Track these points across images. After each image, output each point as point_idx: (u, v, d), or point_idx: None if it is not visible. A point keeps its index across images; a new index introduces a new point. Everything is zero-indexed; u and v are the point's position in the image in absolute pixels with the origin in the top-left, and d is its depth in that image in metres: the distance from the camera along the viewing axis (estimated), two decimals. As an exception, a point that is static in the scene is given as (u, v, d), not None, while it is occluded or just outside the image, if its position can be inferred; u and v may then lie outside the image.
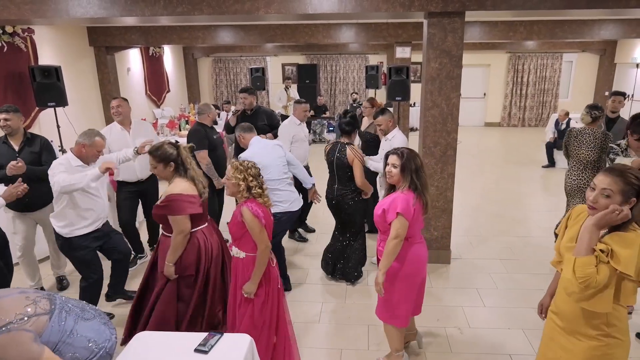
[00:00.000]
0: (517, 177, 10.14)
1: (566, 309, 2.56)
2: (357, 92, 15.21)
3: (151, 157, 3.77)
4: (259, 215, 3.38)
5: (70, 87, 8.83)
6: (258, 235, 3.40)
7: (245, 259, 3.50)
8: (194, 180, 3.82)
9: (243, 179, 3.42)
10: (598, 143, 5.36)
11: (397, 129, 5.54)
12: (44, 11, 5.29)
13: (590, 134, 5.45)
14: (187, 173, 3.81)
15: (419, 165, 3.47)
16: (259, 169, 3.56)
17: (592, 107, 5.54)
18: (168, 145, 3.81)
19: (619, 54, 15.22)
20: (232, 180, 3.44)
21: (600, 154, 5.40)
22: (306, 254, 6.25)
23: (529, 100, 17.08)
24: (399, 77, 9.27)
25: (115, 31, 10.63)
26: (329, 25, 10.97)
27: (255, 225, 3.37)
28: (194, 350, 2.80)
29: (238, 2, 5.14)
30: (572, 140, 5.58)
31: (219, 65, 17.78)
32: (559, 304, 2.63)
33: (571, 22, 10.69)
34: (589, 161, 5.41)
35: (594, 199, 2.36)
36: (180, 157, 3.80)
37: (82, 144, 4.23)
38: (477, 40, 11.44)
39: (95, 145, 4.27)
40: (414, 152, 3.52)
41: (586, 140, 5.45)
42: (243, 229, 3.42)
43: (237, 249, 3.54)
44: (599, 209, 2.34)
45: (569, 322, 2.56)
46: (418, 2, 4.97)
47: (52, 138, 7.65)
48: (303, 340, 4.35)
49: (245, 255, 3.49)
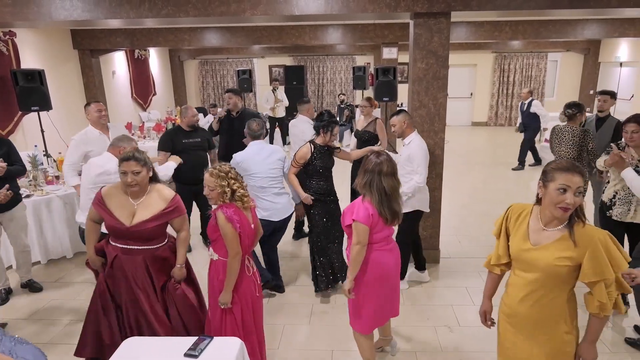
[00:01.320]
0: (504, 176, 10.19)
1: (523, 311, 2.58)
2: (344, 93, 15.22)
3: (135, 161, 3.41)
4: (232, 220, 3.26)
5: (54, 91, 8.75)
6: (229, 242, 3.29)
7: (218, 262, 3.43)
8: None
9: (227, 185, 3.33)
10: (577, 141, 5.45)
11: (416, 132, 4.95)
12: (26, 14, 5.22)
13: (569, 132, 5.55)
14: (157, 178, 3.67)
15: (379, 176, 3.37)
16: (234, 169, 3.49)
17: (567, 106, 5.72)
18: (137, 151, 3.60)
19: (602, 53, 15.37)
20: (217, 190, 3.31)
21: (580, 151, 5.49)
22: (295, 255, 6.23)
23: (515, 99, 17.17)
24: (386, 77, 9.30)
25: (99, 34, 10.54)
26: (316, 27, 10.97)
27: (229, 231, 3.26)
28: (184, 355, 2.78)
29: (224, 4, 5.12)
30: (554, 137, 5.71)
31: (206, 67, 17.71)
32: (515, 306, 2.62)
33: (555, 22, 10.78)
34: (569, 158, 5.46)
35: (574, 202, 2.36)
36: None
37: (123, 147, 4.31)
38: (463, 40, 11.50)
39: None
40: (381, 164, 3.40)
41: (566, 138, 5.57)
42: (217, 232, 3.34)
43: (212, 251, 3.47)
44: (572, 209, 2.37)
45: (531, 323, 2.58)
46: (404, 2, 4.97)
47: (37, 142, 7.61)
48: (294, 341, 4.33)
49: (217, 257, 3.42)
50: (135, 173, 3.40)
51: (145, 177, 3.48)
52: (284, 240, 6.18)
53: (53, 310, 4.99)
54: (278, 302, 4.98)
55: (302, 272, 5.73)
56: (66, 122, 9.68)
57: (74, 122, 9.97)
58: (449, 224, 7.03)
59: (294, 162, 5.00)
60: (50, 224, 5.86)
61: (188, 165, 5.65)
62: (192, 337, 2.98)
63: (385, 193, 3.36)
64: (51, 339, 4.47)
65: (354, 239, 3.34)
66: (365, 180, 3.41)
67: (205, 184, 3.36)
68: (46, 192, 5.86)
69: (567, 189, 2.34)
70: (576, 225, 2.40)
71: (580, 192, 2.35)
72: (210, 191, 3.34)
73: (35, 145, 7.20)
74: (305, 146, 4.99)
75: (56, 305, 5.10)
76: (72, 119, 10.09)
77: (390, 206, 3.38)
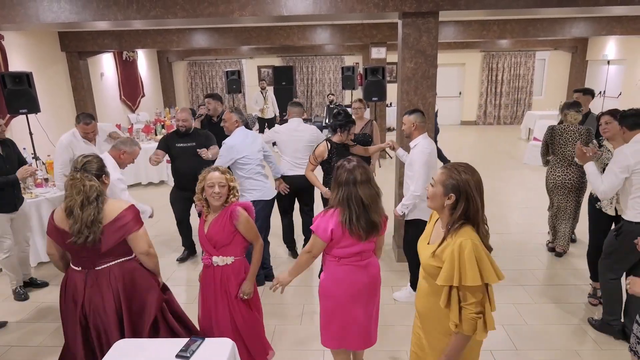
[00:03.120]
0: (494, 174, 10.23)
1: (417, 304, 2.66)
2: (333, 94, 15.22)
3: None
4: (251, 210, 3.48)
5: (42, 94, 8.70)
6: (255, 232, 3.48)
7: (235, 263, 3.45)
8: None
9: (231, 180, 3.37)
10: (583, 140, 5.46)
11: (424, 135, 4.65)
12: (13, 16, 5.20)
13: (576, 131, 5.55)
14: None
15: (354, 187, 3.02)
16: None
17: (576, 105, 5.69)
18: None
19: (590, 51, 15.47)
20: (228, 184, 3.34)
21: None
22: (284, 256, 6.24)
23: (503, 98, 17.28)
24: (375, 77, 9.31)
25: (87, 36, 10.50)
26: (304, 27, 10.97)
27: (252, 223, 3.45)
28: (175, 357, 2.77)
29: (212, 5, 5.11)
30: (557, 138, 5.65)
31: (194, 68, 17.67)
32: (417, 306, 2.68)
33: (543, 20, 10.85)
34: (574, 157, 5.48)
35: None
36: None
37: (123, 150, 4.45)
38: (452, 39, 11.55)
39: (134, 153, 4.58)
40: (353, 171, 3.04)
41: (572, 138, 5.54)
42: (233, 233, 3.37)
43: (222, 257, 3.42)
44: (432, 201, 2.49)
45: (421, 317, 2.65)
46: (392, 2, 4.99)
47: (25, 145, 7.55)
48: (285, 341, 4.33)
49: (233, 259, 3.43)
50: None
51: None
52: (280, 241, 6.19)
53: (42, 314, 4.98)
54: (269, 303, 4.97)
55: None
56: (54, 124, 9.63)
57: (62, 124, 9.92)
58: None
59: (312, 159, 5.17)
60: (40, 227, 5.81)
61: (181, 170, 5.71)
62: (183, 339, 2.97)
63: (363, 205, 3.00)
64: (41, 342, 4.46)
65: (308, 246, 3.19)
66: (341, 194, 3.04)
67: (215, 182, 3.26)
68: (35, 195, 5.82)
69: (433, 184, 2.48)
70: (454, 228, 2.39)
71: (431, 183, 2.49)
72: (222, 188, 3.28)
73: (24, 148, 7.14)
74: (322, 145, 5.13)
75: (44, 308, 5.08)
76: (61, 122, 10.04)
77: (368, 219, 3.01)
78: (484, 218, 2.43)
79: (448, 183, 2.39)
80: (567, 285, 5.26)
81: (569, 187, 5.67)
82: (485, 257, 2.33)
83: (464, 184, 2.36)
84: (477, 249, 2.31)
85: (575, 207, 5.82)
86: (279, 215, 5.90)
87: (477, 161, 11.51)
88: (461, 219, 2.39)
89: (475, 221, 2.39)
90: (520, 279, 5.42)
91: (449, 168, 2.43)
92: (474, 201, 2.37)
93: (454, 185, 2.38)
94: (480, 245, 2.35)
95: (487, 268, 2.31)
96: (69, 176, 3.01)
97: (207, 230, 3.42)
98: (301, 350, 4.24)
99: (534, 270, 5.63)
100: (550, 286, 5.26)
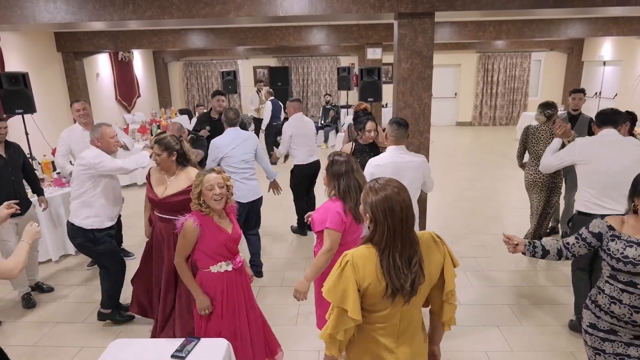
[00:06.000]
0: (490, 175, 10.25)
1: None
2: (330, 94, 15.23)
3: (156, 145, 3.94)
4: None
5: (38, 94, 8.69)
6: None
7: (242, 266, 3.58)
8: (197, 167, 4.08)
9: (227, 179, 3.34)
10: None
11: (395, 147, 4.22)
12: (9, 17, 5.18)
13: (547, 131, 5.71)
14: (190, 163, 4.10)
15: (346, 170, 3.31)
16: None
17: (545, 106, 5.82)
18: (171, 137, 4.02)
19: (586, 52, 15.53)
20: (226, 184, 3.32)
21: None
22: (279, 257, 6.24)
23: (499, 99, 17.31)
24: (370, 78, 9.32)
25: (83, 36, 10.49)
26: (300, 28, 10.98)
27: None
28: (171, 356, 2.78)
29: (208, 6, 5.11)
30: (530, 137, 5.84)
31: (190, 69, 17.65)
32: None
33: (539, 21, 10.88)
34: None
35: None
36: (183, 149, 4.04)
37: (94, 139, 4.40)
38: (447, 40, 11.57)
39: (105, 134, 4.44)
40: (348, 162, 3.34)
41: (543, 137, 5.73)
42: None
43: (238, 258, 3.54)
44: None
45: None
46: (388, 3, 4.99)
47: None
48: (280, 342, 4.33)
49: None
50: (157, 155, 3.95)
51: (165, 160, 3.96)
52: (274, 242, 6.20)
53: (42, 314, 4.97)
54: (264, 304, 4.97)
55: (288, 273, 5.74)
56: (50, 124, 9.61)
57: (58, 124, 9.89)
58: (434, 224, 7.05)
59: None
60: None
61: None
62: (179, 339, 2.98)
63: (360, 191, 3.19)
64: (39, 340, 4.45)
65: (327, 245, 3.26)
66: (343, 184, 3.31)
67: (213, 183, 3.21)
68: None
69: None
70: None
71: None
72: (222, 188, 3.25)
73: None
74: (348, 145, 5.27)
75: (43, 308, 5.07)
76: (57, 122, 10.02)
77: None
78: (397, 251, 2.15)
79: (364, 201, 2.25)
80: (562, 287, 5.27)
81: (540, 186, 5.83)
82: (351, 284, 2.14)
83: (373, 205, 2.17)
84: (348, 267, 2.17)
85: (546, 206, 5.93)
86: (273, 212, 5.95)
87: (472, 162, 11.56)
88: (367, 242, 2.23)
89: (379, 247, 2.17)
90: (515, 280, 5.43)
91: (367, 186, 2.26)
92: (380, 225, 2.15)
93: (367, 205, 2.21)
94: (359, 269, 2.16)
95: (341, 289, 2.17)
96: None
97: (232, 231, 3.36)
98: (296, 351, 4.24)
99: (529, 272, 5.65)
100: (546, 287, 5.27)
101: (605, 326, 2.72)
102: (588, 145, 4.11)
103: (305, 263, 5.98)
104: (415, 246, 2.18)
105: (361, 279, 2.14)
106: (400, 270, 2.12)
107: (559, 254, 2.88)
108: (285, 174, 6.89)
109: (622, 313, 2.61)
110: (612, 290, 2.66)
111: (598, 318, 2.75)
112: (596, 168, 4.01)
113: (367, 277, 2.14)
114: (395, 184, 2.20)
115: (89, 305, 5.05)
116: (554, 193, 5.86)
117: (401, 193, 2.16)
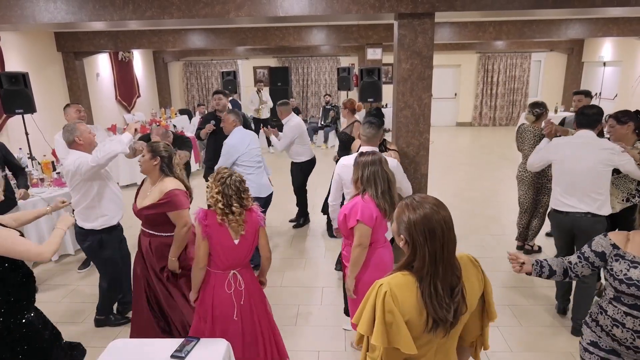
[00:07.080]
0: (490, 175, 10.26)
1: None
2: (330, 94, 15.22)
3: (146, 145, 3.89)
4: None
5: (38, 94, 8.68)
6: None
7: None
8: (181, 180, 3.92)
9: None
10: (537, 140, 5.61)
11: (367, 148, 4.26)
12: (9, 17, 5.18)
13: (531, 132, 5.79)
14: (172, 173, 3.89)
15: (381, 165, 3.41)
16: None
17: (534, 105, 5.86)
18: (165, 145, 3.94)
19: (586, 52, 15.52)
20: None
21: None
22: (279, 256, 6.24)
23: (499, 99, 17.29)
24: (370, 78, 9.30)
25: (83, 36, 10.49)
26: (300, 28, 10.98)
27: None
28: (170, 357, 2.77)
29: (208, 6, 5.11)
30: (518, 136, 5.97)
31: (190, 69, 17.64)
32: None
33: (539, 22, 10.87)
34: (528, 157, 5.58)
35: None
36: (169, 159, 3.89)
37: (75, 138, 4.21)
38: (447, 41, 11.57)
39: (84, 131, 4.27)
40: (372, 159, 3.43)
41: (527, 137, 5.81)
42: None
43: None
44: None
45: None
46: (388, 3, 4.99)
47: (21, 145, 7.56)
48: (281, 343, 4.34)
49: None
50: (142, 155, 3.85)
51: (147, 162, 3.80)
52: (273, 242, 6.20)
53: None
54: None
55: (287, 273, 5.74)
56: (50, 124, 9.59)
57: (58, 124, 9.83)
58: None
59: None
60: (35, 227, 5.80)
61: None
62: (178, 339, 2.98)
63: (388, 181, 3.38)
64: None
65: (357, 240, 3.34)
66: (368, 172, 3.38)
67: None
68: (31, 195, 5.81)
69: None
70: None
71: None
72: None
73: (19, 148, 7.15)
74: (357, 142, 5.28)
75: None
76: (57, 122, 9.98)
77: (392, 196, 3.40)
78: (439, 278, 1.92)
79: (399, 221, 2.01)
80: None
81: (527, 183, 5.91)
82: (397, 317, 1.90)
83: (410, 226, 1.93)
84: (388, 300, 1.91)
85: (532, 203, 5.99)
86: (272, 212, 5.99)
87: (472, 162, 11.55)
88: (403, 268, 2.00)
89: (420, 275, 1.94)
90: (515, 280, 5.43)
91: (402, 203, 2.03)
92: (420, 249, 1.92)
93: (403, 225, 1.98)
94: (397, 300, 1.91)
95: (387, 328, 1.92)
96: None
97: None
98: (296, 351, 4.23)
99: (529, 271, 5.64)
100: (546, 287, 5.27)
101: (607, 345, 2.58)
102: (562, 145, 4.36)
103: (305, 263, 5.98)
104: (457, 272, 1.97)
105: (402, 311, 1.91)
106: (442, 300, 1.90)
107: (564, 274, 2.70)
108: (286, 174, 6.88)
109: (624, 337, 2.46)
110: (615, 313, 2.49)
111: (600, 338, 2.61)
112: (565, 167, 4.27)
113: (407, 308, 1.91)
114: (432, 200, 1.97)
115: (88, 305, 5.04)
116: (542, 192, 5.91)
117: (440, 211, 1.92)
